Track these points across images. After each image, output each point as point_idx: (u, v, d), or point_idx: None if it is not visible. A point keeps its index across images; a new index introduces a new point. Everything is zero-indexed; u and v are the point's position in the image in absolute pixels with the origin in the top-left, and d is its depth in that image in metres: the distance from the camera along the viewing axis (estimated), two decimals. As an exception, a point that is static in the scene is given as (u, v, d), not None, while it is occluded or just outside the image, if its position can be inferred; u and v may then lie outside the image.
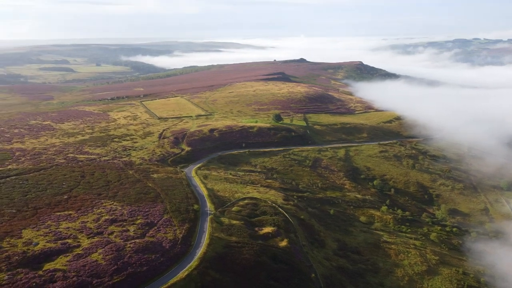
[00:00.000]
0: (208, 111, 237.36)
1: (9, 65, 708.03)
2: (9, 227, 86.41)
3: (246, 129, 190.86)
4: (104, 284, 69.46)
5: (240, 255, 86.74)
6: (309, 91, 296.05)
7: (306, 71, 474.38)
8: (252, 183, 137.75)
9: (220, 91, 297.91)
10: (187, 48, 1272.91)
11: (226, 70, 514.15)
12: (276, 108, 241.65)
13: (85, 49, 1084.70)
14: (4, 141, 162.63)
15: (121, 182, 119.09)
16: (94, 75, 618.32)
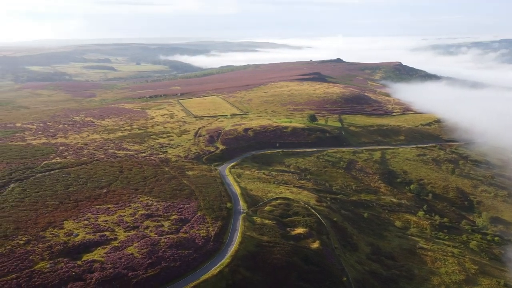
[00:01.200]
0: (243, 110, 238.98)
1: (55, 63, 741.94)
2: (52, 218, 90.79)
3: (280, 129, 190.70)
4: (139, 277, 71.59)
5: (271, 254, 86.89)
6: (345, 91, 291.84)
7: (343, 72, 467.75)
8: (285, 183, 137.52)
9: (256, 91, 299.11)
10: (224, 47, 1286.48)
11: (262, 70, 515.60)
12: (311, 109, 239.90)
13: (126, 49, 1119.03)
14: (49, 135, 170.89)
15: (157, 178, 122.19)
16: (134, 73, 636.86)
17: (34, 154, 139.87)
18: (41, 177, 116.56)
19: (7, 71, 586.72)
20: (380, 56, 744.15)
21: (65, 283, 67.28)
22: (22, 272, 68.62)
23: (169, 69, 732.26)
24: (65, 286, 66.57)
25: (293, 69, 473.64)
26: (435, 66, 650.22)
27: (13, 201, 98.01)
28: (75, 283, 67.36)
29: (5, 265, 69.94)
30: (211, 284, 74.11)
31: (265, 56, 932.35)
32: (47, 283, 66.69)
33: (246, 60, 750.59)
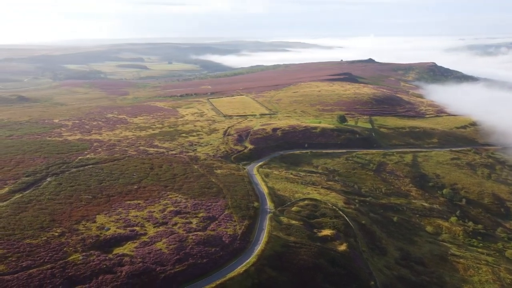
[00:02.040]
0: (272, 110, 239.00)
1: (91, 62, 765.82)
2: (85, 212, 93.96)
3: (309, 129, 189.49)
4: (167, 272, 73.00)
5: (297, 255, 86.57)
6: (376, 92, 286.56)
7: (374, 72, 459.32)
8: (313, 184, 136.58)
9: (285, 91, 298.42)
10: (254, 47, 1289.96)
11: (291, 70, 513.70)
12: (340, 109, 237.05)
13: (158, 48, 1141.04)
14: (84, 132, 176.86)
15: (186, 176, 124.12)
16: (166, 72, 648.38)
17: (69, 149, 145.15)
18: (76, 172, 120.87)
19: (46, 69, 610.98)
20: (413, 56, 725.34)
21: (96, 275, 69.52)
22: (57, 263, 71.40)
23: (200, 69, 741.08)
24: (96, 278, 68.77)
25: (323, 69, 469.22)
26: (472, 67, 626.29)
27: (49, 194, 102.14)
28: (106, 276, 69.45)
29: (41, 256, 73.00)
30: (237, 282, 74.61)
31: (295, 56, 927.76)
32: (79, 274, 69.10)
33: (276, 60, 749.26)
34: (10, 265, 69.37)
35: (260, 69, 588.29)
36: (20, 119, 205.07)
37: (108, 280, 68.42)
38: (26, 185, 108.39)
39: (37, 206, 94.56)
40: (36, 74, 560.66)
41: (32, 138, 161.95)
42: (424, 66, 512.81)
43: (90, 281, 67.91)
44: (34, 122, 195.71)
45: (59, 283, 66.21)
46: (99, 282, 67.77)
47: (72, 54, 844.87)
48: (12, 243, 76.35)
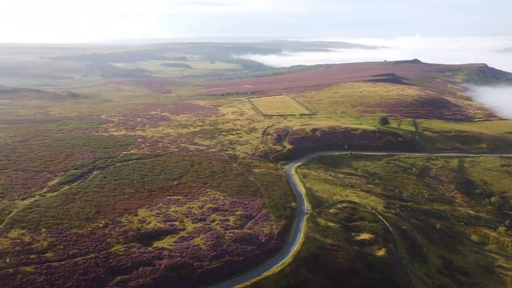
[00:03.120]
0: (312, 110, 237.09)
1: (137, 60, 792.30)
2: (128, 205, 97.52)
3: (349, 130, 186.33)
4: (203, 267, 74.38)
5: (334, 258, 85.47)
6: (421, 94, 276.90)
7: (420, 73, 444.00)
8: (352, 186, 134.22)
9: (326, 91, 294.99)
10: (295, 47, 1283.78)
11: (333, 70, 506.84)
12: (383, 111, 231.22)
13: (201, 47, 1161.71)
14: (129, 128, 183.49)
15: (225, 174, 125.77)
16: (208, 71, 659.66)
17: (115, 144, 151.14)
18: (120, 166, 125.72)
19: (96, 67, 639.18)
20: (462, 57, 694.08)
21: (136, 266, 72.02)
22: (100, 253, 74.64)
23: (241, 68, 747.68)
24: (136, 269, 71.24)
25: (366, 70, 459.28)
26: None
27: (95, 187, 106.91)
28: (145, 268, 71.78)
29: (86, 245, 76.59)
30: (272, 281, 74.75)
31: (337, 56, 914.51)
32: (121, 265, 71.86)
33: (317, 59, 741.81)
34: (58, 252, 73.31)
35: (301, 69, 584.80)
36: (70, 114, 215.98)
37: (147, 272, 70.68)
38: (74, 177, 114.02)
39: (83, 198, 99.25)
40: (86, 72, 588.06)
41: (80, 132, 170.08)
42: (474, 67, 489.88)
43: (131, 272, 70.44)
44: (83, 118, 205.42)
45: (102, 272, 69.18)
46: (139, 273, 70.17)
47: (120, 53, 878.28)
48: (60, 232, 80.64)
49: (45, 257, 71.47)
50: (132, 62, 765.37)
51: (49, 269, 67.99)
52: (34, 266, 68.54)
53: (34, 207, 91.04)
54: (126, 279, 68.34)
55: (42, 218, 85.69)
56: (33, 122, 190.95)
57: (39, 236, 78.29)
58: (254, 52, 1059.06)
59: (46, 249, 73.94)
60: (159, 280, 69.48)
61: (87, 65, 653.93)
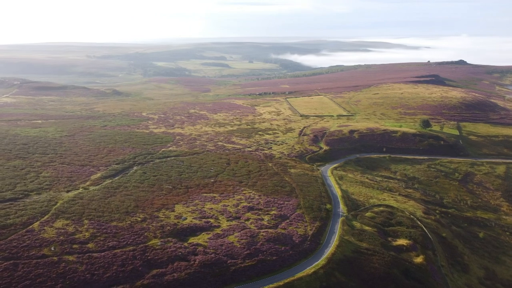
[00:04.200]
0: (350, 111, 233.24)
1: (178, 59, 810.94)
2: (165, 201, 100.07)
3: (388, 133, 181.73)
4: (237, 265, 75.07)
5: (369, 262, 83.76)
6: (466, 96, 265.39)
7: (465, 75, 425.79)
8: (390, 190, 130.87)
9: (365, 92, 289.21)
10: (335, 47, 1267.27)
11: (373, 71, 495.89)
12: (424, 113, 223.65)
13: (240, 47, 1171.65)
14: (168, 125, 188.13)
15: (261, 173, 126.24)
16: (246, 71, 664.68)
17: (154, 141, 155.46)
18: (159, 163, 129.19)
19: (138, 65, 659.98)
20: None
21: (172, 261, 73.79)
22: (138, 246, 77.09)
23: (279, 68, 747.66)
24: (171, 264, 73.01)
25: (408, 71, 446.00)
26: None
27: (135, 182, 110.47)
28: (181, 263, 73.40)
29: (125, 238, 79.34)
30: (305, 283, 74.31)
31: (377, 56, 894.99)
32: (157, 258, 73.88)
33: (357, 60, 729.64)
34: (98, 243, 76.42)
35: (340, 69, 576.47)
36: (113, 111, 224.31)
37: (182, 267, 72.27)
38: (115, 172, 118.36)
39: (124, 192, 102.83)
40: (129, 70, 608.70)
41: (122, 129, 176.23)
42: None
43: (166, 266, 72.27)
44: (125, 115, 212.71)
45: (139, 265, 71.45)
46: (174, 267, 71.87)
47: (161, 52, 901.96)
48: (101, 224, 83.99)
49: (86, 247, 74.71)
50: (173, 61, 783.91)
51: (90, 259, 71.01)
52: (77, 255, 71.81)
53: (78, 199, 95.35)
54: (162, 273, 70.19)
55: (85, 210, 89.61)
56: (79, 118, 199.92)
57: (82, 227, 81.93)
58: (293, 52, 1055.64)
59: (88, 240, 77.28)
60: (193, 275, 70.84)
61: (130, 64, 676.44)
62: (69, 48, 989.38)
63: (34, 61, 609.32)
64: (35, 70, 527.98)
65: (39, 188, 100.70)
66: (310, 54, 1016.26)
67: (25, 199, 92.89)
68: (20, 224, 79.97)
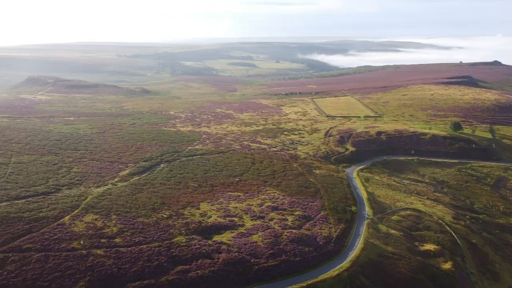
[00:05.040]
0: (377, 112, 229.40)
1: (205, 59, 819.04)
2: (191, 198, 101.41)
3: (417, 135, 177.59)
4: (260, 265, 75.27)
5: (394, 267, 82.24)
6: (500, 98, 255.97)
7: (500, 76, 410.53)
8: (418, 193, 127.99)
9: (393, 93, 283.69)
10: (363, 47, 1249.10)
11: (402, 71, 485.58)
12: (455, 116, 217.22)
13: (267, 47, 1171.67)
14: (195, 124, 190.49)
15: (285, 173, 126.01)
16: (273, 71, 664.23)
17: (181, 139, 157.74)
18: (185, 161, 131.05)
19: (166, 65, 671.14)
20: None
21: (196, 258, 74.74)
22: (163, 242, 78.49)
23: (306, 68, 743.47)
24: (196, 261, 73.94)
25: (438, 72, 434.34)
26: None
27: (161, 179, 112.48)
28: (205, 260, 74.24)
29: (151, 234, 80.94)
30: (329, 285, 73.71)
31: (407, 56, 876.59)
32: (182, 255, 75.00)
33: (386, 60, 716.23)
34: (125, 239, 78.28)
35: (368, 69, 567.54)
36: (142, 109, 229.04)
37: (206, 264, 73.08)
38: (143, 169, 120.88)
39: (151, 189, 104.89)
40: (158, 69, 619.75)
41: (150, 127, 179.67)
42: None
43: (191, 263, 73.26)
44: (153, 113, 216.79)
45: (164, 261, 72.74)
46: (198, 265, 72.78)
47: (189, 52, 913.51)
48: (129, 220, 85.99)
49: (114, 242, 76.67)
50: (201, 60, 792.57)
51: (117, 254, 72.84)
52: (104, 249, 73.82)
53: (107, 195, 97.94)
54: (186, 270, 71.21)
55: (113, 206, 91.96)
56: (109, 115, 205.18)
57: (110, 222, 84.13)
58: (320, 52, 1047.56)
59: (115, 234, 79.29)
60: (217, 273, 71.52)
61: (159, 63, 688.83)
62: (100, 47, 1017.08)
63: (68, 60, 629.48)
64: (68, 68, 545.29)
65: (70, 183, 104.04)
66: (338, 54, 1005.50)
67: (56, 193, 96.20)
68: (51, 218, 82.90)
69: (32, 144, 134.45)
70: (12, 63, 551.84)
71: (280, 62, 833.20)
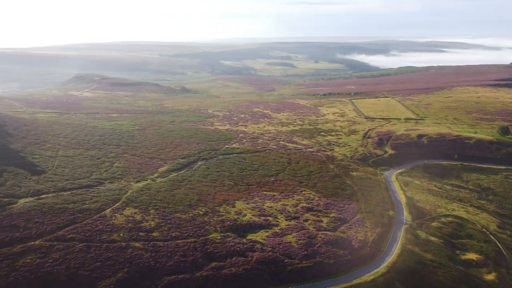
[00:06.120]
0: (419, 115, 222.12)
1: (244, 59, 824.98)
2: (227, 196, 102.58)
3: (461, 139, 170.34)
4: (293, 265, 75.03)
5: (433, 275, 79.46)
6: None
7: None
8: (460, 200, 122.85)
9: (436, 95, 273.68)
10: (405, 47, 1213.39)
11: (446, 73, 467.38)
12: (504, 119, 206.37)
13: (306, 47, 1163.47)
14: (232, 123, 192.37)
15: (321, 175, 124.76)
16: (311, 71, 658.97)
17: (219, 138, 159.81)
18: (222, 159, 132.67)
19: (206, 64, 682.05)
20: None
21: (230, 255, 75.55)
22: (199, 238, 79.91)
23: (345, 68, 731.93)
24: (230, 258, 74.75)
25: (486, 73, 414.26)
26: None
27: (198, 176, 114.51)
28: (239, 258, 74.90)
29: (187, 230, 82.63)
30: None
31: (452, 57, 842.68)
32: (216, 252, 76.05)
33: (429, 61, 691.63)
34: (162, 233, 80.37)
35: (410, 70, 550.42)
36: (181, 107, 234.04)
37: (240, 262, 73.72)
38: (181, 166, 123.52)
39: (188, 186, 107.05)
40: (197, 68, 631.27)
41: (189, 125, 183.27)
42: None
43: (225, 260, 74.14)
44: (192, 111, 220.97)
45: (199, 257, 74.05)
46: (232, 262, 73.54)
47: (228, 51, 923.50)
48: (166, 215, 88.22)
49: (152, 236, 78.93)
50: (239, 60, 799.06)
51: (155, 247, 74.92)
52: (142, 243, 76.14)
53: (146, 190, 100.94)
54: (220, 266, 72.15)
55: (151, 200, 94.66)
56: (150, 113, 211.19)
57: (148, 216, 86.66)
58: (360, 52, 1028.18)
59: (153, 228, 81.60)
60: (250, 271, 71.96)
61: (199, 62, 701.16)
62: (143, 46, 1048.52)
63: (112, 59, 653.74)
64: (112, 67, 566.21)
65: (112, 177, 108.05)
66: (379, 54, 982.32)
67: (99, 187, 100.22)
68: (94, 210, 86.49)
69: (78, 138, 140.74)
70: (61, 61, 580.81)
71: (319, 62, 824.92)
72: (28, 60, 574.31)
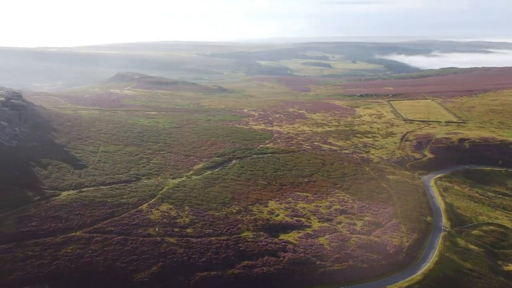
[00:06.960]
0: (461, 118, 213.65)
1: (280, 59, 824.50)
2: (260, 196, 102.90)
3: (507, 144, 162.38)
4: (325, 268, 74.20)
5: (473, 285, 76.27)
6: None
7: None
8: (504, 208, 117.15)
9: (480, 98, 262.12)
10: (448, 47, 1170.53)
11: (491, 74, 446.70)
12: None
13: (343, 47, 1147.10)
14: (267, 123, 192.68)
15: (356, 177, 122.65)
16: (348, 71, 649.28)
17: (253, 137, 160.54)
18: (256, 158, 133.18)
19: (242, 64, 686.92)
20: None
21: (262, 255, 75.72)
22: (231, 236, 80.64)
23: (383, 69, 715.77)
24: (261, 257, 74.92)
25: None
26: None
27: (232, 175, 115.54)
28: (270, 258, 74.94)
29: (220, 227, 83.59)
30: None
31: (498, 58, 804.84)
32: (248, 250, 76.45)
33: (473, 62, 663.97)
34: (196, 230, 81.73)
35: (453, 71, 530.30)
36: (217, 106, 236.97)
37: (271, 262, 73.75)
38: (215, 164, 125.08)
39: (222, 184, 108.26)
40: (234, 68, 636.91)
41: (224, 124, 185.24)
42: None
43: (256, 259, 74.40)
44: (228, 110, 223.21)
45: (231, 254, 74.73)
46: (263, 261, 73.69)
47: (264, 51, 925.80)
48: (200, 212, 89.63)
49: (186, 232, 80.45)
50: (275, 60, 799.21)
51: (188, 243, 76.31)
52: (177, 238, 77.75)
53: (181, 187, 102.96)
54: (252, 265, 72.48)
55: (186, 197, 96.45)
56: (187, 111, 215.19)
57: (183, 212, 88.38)
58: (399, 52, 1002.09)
59: (187, 225, 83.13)
60: (282, 271, 71.84)
61: (234, 62, 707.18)
62: (181, 46, 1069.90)
63: (151, 58, 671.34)
64: (151, 66, 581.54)
65: (149, 173, 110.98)
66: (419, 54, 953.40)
67: (137, 182, 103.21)
68: (131, 204, 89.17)
69: (118, 135, 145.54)
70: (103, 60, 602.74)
71: (356, 63, 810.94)
72: (72, 59, 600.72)
